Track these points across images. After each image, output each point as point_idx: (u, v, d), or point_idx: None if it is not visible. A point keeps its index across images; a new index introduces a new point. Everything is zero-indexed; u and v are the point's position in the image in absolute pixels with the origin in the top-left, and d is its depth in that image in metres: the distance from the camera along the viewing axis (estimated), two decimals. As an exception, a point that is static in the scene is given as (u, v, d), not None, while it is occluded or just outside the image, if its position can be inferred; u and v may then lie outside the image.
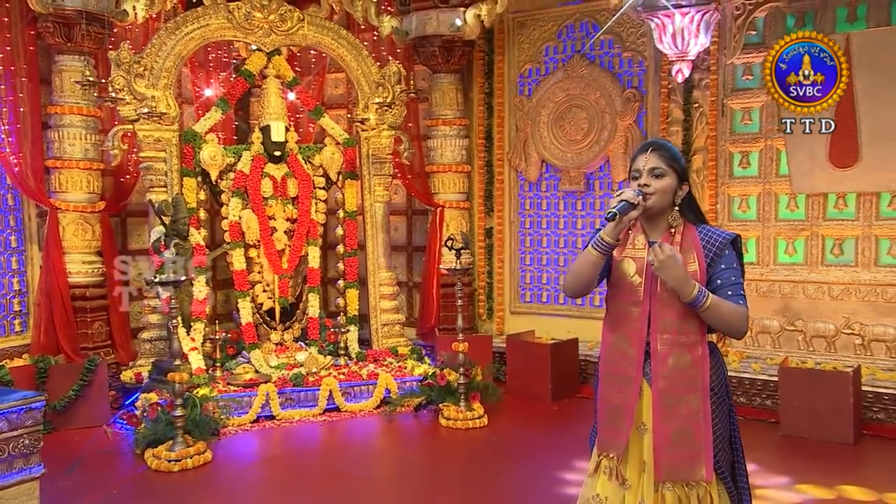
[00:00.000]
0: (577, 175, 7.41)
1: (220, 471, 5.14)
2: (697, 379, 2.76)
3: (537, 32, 7.57)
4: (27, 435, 3.64)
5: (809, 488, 4.57)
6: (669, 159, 2.75)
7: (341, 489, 5.00)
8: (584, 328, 7.44)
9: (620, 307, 2.84)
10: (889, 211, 6.49)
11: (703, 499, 2.73)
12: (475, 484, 5.13)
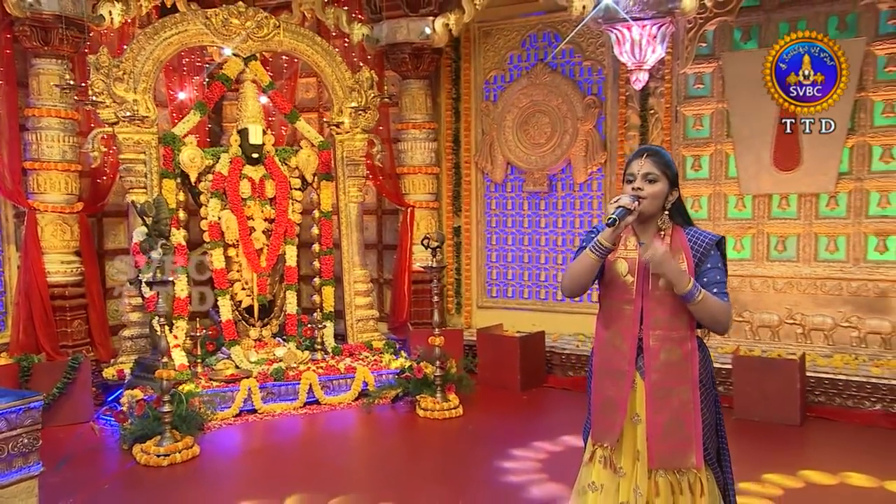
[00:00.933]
0: (541, 177, 7.48)
1: (208, 464, 5.12)
2: (687, 372, 2.80)
3: (502, 41, 7.61)
4: (26, 434, 3.55)
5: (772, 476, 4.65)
6: (663, 165, 2.79)
7: (326, 478, 5.00)
8: (547, 321, 7.60)
9: (614, 305, 2.88)
10: (827, 211, 6.70)
11: (694, 484, 2.77)
12: (454, 469, 5.18)
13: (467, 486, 4.83)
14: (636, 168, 2.78)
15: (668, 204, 2.80)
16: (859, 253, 6.64)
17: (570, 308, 7.53)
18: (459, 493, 4.75)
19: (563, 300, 7.63)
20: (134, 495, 4.60)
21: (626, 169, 2.88)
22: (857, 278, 6.60)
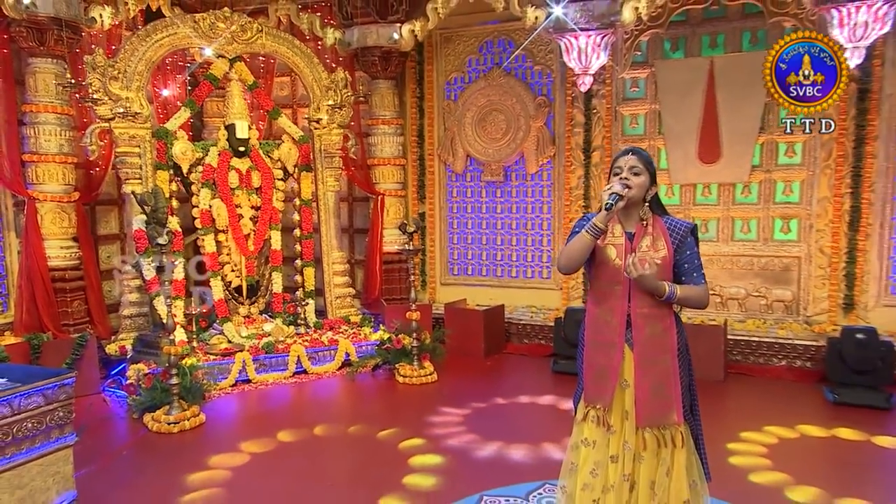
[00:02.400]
0: (497, 168, 7.63)
1: (213, 430, 5.13)
2: (668, 343, 2.93)
3: (462, 46, 7.70)
4: (61, 408, 3.61)
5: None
6: (645, 162, 2.91)
7: (321, 438, 5.06)
8: (503, 295, 7.79)
9: (604, 286, 2.97)
10: (741, 198, 7.02)
11: (675, 436, 2.88)
12: (435, 425, 5.21)
13: (442, 437, 4.92)
14: (623, 163, 2.89)
15: (648, 196, 2.90)
16: (767, 234, 6.99)
17: (523, 284, 7.82)
18: (437, 441, 4.87)
19: (517, 277, 7.86)
20: (150, 459, 4.60)
21: (612, 164, 2.98)
22: (765, 255, 6.96)
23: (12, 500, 3.39)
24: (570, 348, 6.33)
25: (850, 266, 6.62)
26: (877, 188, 6.55)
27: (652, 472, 2.86)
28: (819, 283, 6.77)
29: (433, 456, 4.55)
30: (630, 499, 2.87)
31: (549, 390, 6.12)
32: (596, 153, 7.25)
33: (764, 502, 4.04)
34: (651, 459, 2.87)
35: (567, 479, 3.07)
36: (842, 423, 5.19)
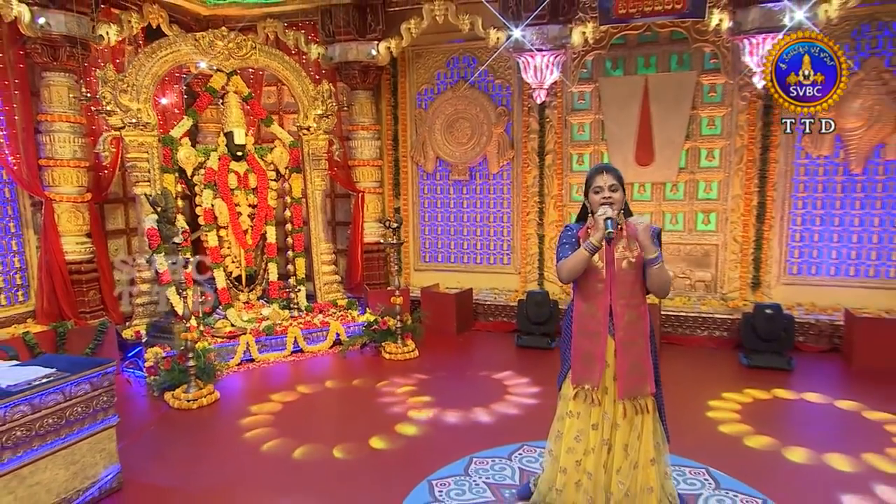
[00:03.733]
0: (463, 168, 7.71)
1: (228, 405, 5.13)
2: (642, 328, 3.04)
3: (431, 62, 7.70)
4: (105, 393, 3.68)
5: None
6: (619, 178, 2.98)
7: (321, 407, 5.17)
8: (469, 279, 7.88)
9: (590, 284, 3.05)
10: (671, 195, 7.15)
11: (646, 405, 3.03)
12: (421, 392, 5.31)
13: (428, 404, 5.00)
14: (601, 182, 2.95)
15: (623, 206, 2.99)
16: (692, 225, 7.14)
17: (486, 269, 7.92)
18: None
19: (481, 263, 7.95)
20: (177, 433, 4.60)
21: (589, 181, 3.01)
22: (689, 243, 7.13)
23: (67, 474, 3.48)
24: (532, 326, 6.58)
25: (757, 252, 6.86)
26: (778, 187, 6.77)
27: (626, 437, 2.99)
28: (732, 266, 6.96)
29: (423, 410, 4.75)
30: (607, 459, 3.01)
31: (516, 362, 6.17)
32: (549, 156, 7.36)
33: (713, 443, 4.23)
34: (626, 426, 2.99)
35: (554, 444, 3.21)
36: (754, 382, 5.47)
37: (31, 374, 3.45)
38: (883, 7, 6.11)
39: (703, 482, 3.68)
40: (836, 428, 4.66)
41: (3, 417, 3.14)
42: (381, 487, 3.72)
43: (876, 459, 3.99)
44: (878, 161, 6.45)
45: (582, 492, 3.03)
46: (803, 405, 5.00)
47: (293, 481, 3.86)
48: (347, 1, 6.96)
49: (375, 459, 4.14)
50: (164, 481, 3.85)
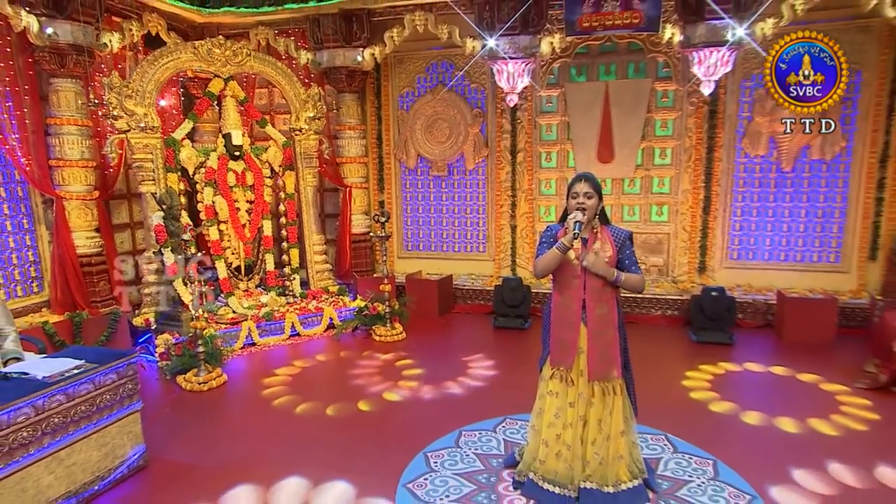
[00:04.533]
0: (442, 165, 7.74)
1: (235, 386, 5.19)
2: (612, 319, 3.16)
3: (412, 67, 7.67)
4: (130, 381, 3.75)
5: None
6: (595, 187, 3.08)
7: (320, 384, 5.25)
8: (448, 266, 7.93)
9: (565, 279, 3.16)
10: (629, 189, 7.27)
11: (616, 387, 3.16)
12: (404, 364, 5.49)
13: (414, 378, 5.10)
14: (579, 189, 3.06)
15: (598, 211, 3.11)
16: (647, 216, 7.27)
17: (463, 256, 7.97)
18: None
19: (459, 251, 7.98)
20: (191, 413, 4.63)
21: (570, 188, 3.13)
22: (645, 232, 7.25)
23: (100, 454, 3.57)
24: (508, 308, 6.71)
25: (703, 239, 7.05)
26: (721, 183, 6.94)
27: (599, 413, 3.15)
28: (682, 252, 7.13)
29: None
30: (583, 433, 3.17)
31: (494, 342, 6.27)
32: (520, 154, 7.43)
33: (669, 412, 4.36)
34: (599, 404, 3.15)
35: (536, 420, 3.36)
36: (703, 356, 5.70)
37: (63, 365, 3.50)
38: (809, 26, 6.17)
39: (662, 447, 3.89)
40: (774, 391, 4.95)
41: (43, 406, 3.21)
42: (381, 460, 3.81)
43: (818, 422, 4.26)
44: (804, 160, 6.70)
45: (562, 461, 3.20)
46: (745, 374, 5.27)
47: (302, 454, 3.93)
48: (334, 11, 6.89)
49: (377, 428, 4.24)
50: (184, 458, 3.91)
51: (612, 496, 3.14)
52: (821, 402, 4.67)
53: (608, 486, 3.17)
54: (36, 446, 3.17)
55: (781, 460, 3.74)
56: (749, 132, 6.79)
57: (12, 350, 3.82)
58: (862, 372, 5.07)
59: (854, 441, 4.03)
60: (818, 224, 6.77)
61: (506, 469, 3.63)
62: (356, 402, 4.77)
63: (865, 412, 4.48)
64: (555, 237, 3.15)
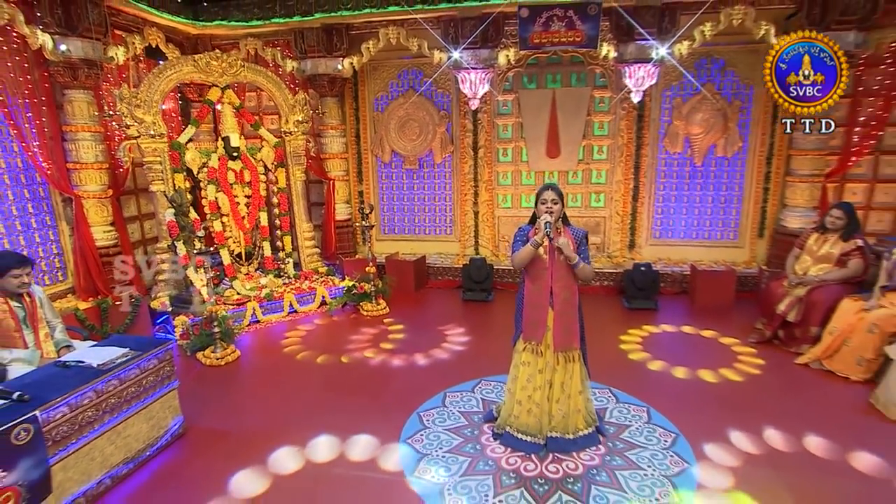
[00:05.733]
0: (413, 159, 7.82)
1: (248, 359, 5.26)
2: (573, 303, 3.38)
3: (385, 73, 7.68)
4: (167, 364, 3.84)
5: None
6: (559, 195, 3.25)
7: (317, 346, 5.41)
8: (421, 247, 8.02)
9: (536, 271, 3.33)
10: (572, 180, 7.49)
11: (575, 355, 3.41)
12: (392, 337, 5.61)
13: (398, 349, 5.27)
14: (547, 196, 3.22)
15: (561, 214, 3.30)
16: (587, 202, 7.52)
17: (433, 238, 8.08)
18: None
19: (429, 234, 8.08)
20: (215, 385, 4.70)
21: (538, 195, 3.27)
22: (585, 216, 7.53)
23: (148, 426, 3.73)
24: (474, 283, 6.94)
25: (632, 222, 7.40)
26: (647, 175, 7.27)
27: (562, 377, 3.43)
28: (616, 233, 7.46)
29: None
30: (549, 393, 3.45)
31: (463, 313, 6.42)
32: (481, 150, 7.59)
33: (611, 368, 4.65)
34: (561, 370, 3.42)
35: (511, 384, 3.61)
36: (633, 320, 6.02)
37: (112, 354, 3.62)
38: (714, 48, 6.70)
39: (607, 399, 4.20)
40: (685, 347, 5.32)
41: (102, 389, 3.37)
42: (383, 419, 3.99)
43: (705, 373, 4.69)
44: (711, 157, 7.14)
45: (532, 416, 3.49)
46: (663, 334, 5.64)
47: (320, 417, 4.06)
48: (317, 25, 6.87)
49: (377, 392, 4.39)
50: (216, 425, 4.04)
51: (572, 441, 3.49)
52: (720, 354, 5.10)
53: (569, 433, 3.49)
54: (98, 423, 3.33)
55: (697, 404, 4.14)
56: (669, 133, 7.15)
57: (63, 339, 3.92)
58: (753, 328, 5.53)
59: (749, 383, 4.50)
60: (721, 208, 7.27)
61: (485, 423, 3.87)
62: (355, 368, 4.92)
63: (753, 359, 4.96)
64: (526, 236, 3.36)
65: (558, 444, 3.49)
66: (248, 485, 3.37)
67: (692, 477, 3.29)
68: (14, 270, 3.60)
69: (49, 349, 3.78)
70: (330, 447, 3.72)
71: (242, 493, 3.30)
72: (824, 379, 4.61)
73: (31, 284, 3.76)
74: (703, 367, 4.82)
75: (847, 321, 4.65)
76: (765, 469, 3.40)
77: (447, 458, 3.52)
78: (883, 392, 4.12)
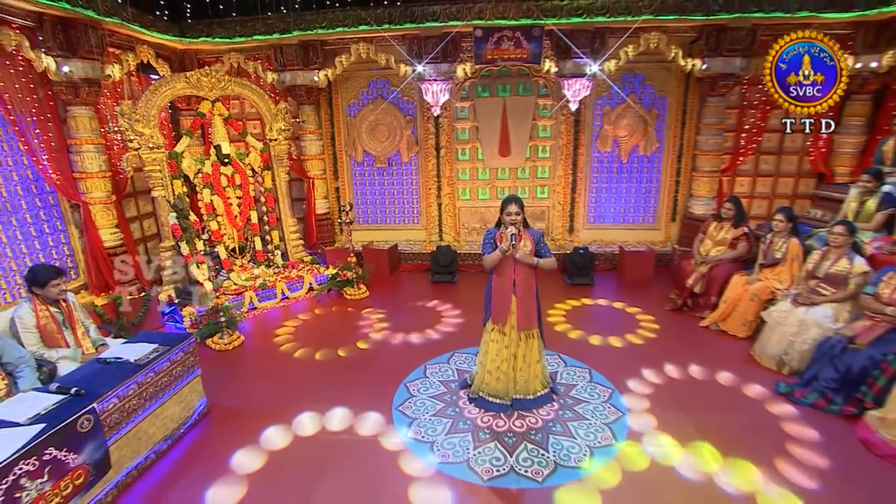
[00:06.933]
0: (383, 159, 7.89)
1: (251, 344, 5.31)
2: (533, 291, 3.61)
3: (356, 83, 7.69)
4: (191, 356, 3.99)
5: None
6: (521, 207, 3.43)
7: (312, 331, 5.49)
8: (393, 235, 8.11)
9: (502, 267, 3.54)
10: (521, 175, 7.74)
11: (534, 332, 3.64)
12: (375, 318, 5.76)
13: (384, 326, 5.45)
14: (511, 209, 3.40)
15: (522, 222, 3.49)
16: (534, 194, 7.78)
17: (402, 227, 8.20)
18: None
19: (399, 223, 8.17)
20: (226, 368, 4.76)
21: (503, 206, 3.44)
22: (532, 206, 7.76)
23: (179, 408, 3.89)
24: (441, 267, 7.12)
25: (571, 210, 7.74)
26: (583, 171, 7.62)
27: (524, 351, 3.70)
28: (558, 219, 7.78)
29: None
30: (513, 364, 3.73)
31: (433, 293, 6.58)
32: (443, 150, 7.72)
33: (562, 342, 4.97)
34: (523, 345, 3.68)
35: (482, 357, 3.84)
36: (573, 294, 6.34)
37: (145, 349, 3.78)
38: (636, 65, 7.10)
39: (557, 364, 4.54)
40: (605, 318, 5.65)
41: (142, 381, 3.56)
42: (376, 391, 4.19)
43: (632, 336, 5.20)
44: (635, 155, 7.61)
45: (500, 383, 3.79)
46: (598, 307, 6.00)
47: (319, 383, 4.31)
48: (295, 41, 6.87)
49: (367, 367, 4.59)
50: (233, 403, 4.17)
51: (532, 400, 3.84)
52: (628, 321, 5.50)
53: (530, 395, 3.83)
54: (141, 409, 3.54)
55: (623, 363, 4.58)
56: (600, 136, 7.53)
57: (98, 338, 4.07)
58: (668, 298, 6.08)
59: (652, 344, 4.99)
60: (642, 198, 7.79)
61: (461, 390, 4.14)
62: (343, 347, 5.07)
63: (652, 325, 5.44)
64: (493, 238, 3.59)
65: (521, 403, 3.83)
66: (275, 439, 3.71)
67: (625, 423, 3.79)
68: (53, 281, 3.73)
69: (88, 346, 3.93)
70: (342, 417, 3.94)
71: (271, 445, 3.65)
72: (719, 337, 5.25)
73: (67, 291, 3.88)
74: (613, 334, 5.19)
75: (736, 292, 5.34)
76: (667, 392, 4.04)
77: (433, 420, 3.80)
78: (759, 346, 4.83)
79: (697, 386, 4.31)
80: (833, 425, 3.72)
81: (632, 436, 3.66)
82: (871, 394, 3.69)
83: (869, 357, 3.75)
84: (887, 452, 3.33)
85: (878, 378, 3.67)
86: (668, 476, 3.29)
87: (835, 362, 3.92)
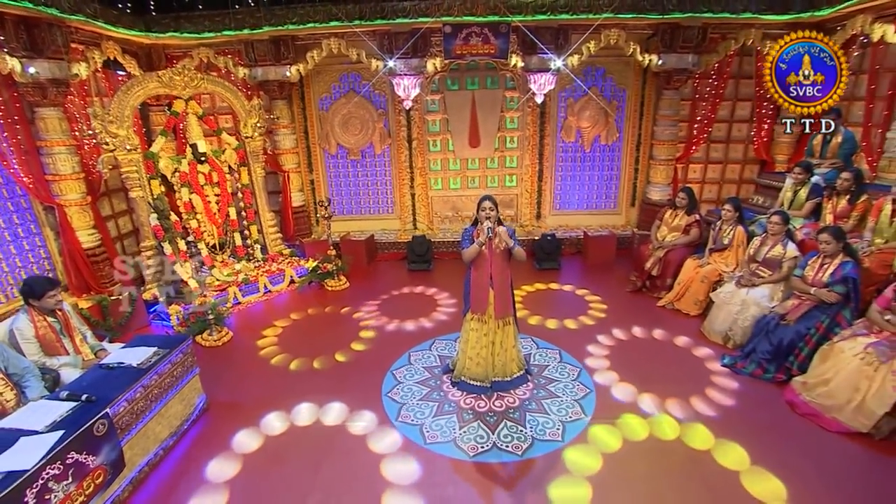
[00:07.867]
0: (357, 151, 7.95)
1: (239, 338, 5.40)
2: (508, 283, 3.78)
3: (328, 77, 7.67)
4: (189, 357, 4.11)
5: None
6: (495, 203, 3.58)
7: (296, 324, 5.60)
8: (368, 225, 8.20)
9: (479, 262, 3.68)
10: (490, 164, 7.94)
11: (510, 320, 3.82)
12: (360, 310, 5.91)
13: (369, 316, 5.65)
14: (486, 205, 3.55)
15: (496, 218, 3.63)
16: (502, 183, 8.00)
17: (377, 217, 8.32)
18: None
19: (373, 213, 8.28)
20: (218, 364, 4.83)
21: (479, 204, 3.59)
22: (501, 194, 7.98)
23: (182, 406, 4.06)
24: (417, 256, 7.32)
25: (538, 197, 7.98)
26: (549, 161, 7.85)
27: (501, 337, 3.91)
28: (526, 206, 8.01)
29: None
30: (492, 349, 3.93)
31: (411, 281, 6.74)
32: (414, 142, 7.82)
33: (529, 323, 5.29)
34: (500, 332, 3.88)
35: (463, 345, 4.06)
36: (542, 277, 6.64)
37: (145, 354, 3.89)
38: (597, 59, 7.37)
39: (530, 346, 4.83)
40: (562, 301, 5.93)
41: (147, 384, 3.71)
42: (365, 378, 4.39)
43: (585, 318, 5.53)
44: (597, 145, 7.94)
45: (480, 367, 4.03)
46: (561, 292, 6.25)
47: (313, 376, 4.47)
48: (266, 37, 6.82)
49: (354, 360, 4.74)
50: (229, 398, 4.29)
51: (509, 382, 4.11)
52: (579, 304, 5.88)
53: (507, 377, 4.09)
54: (148, 410, 3.70)
55: (587, 336, 5.01)
56: (565, 126, 7.82)
57: (96, 344, 4.17)
58: (628, 280, 6.51)
59: (602, 322, 5.40)
60: (604, 184, 8.18)
61: (444, 374, 4.38)
62: (334, 344, 5.15)
63: (602, 305, 5.83)
64: (471, 235, 3.77)
65: (500, 385, 4.10)
66: (276, 423, 3.97)
67: (592, 398, 4.20)
68: (50, 292, 3.82)
69: (87, 352, 4.04)
70: (339, 411, 4.11)
71: (272, 430, 3.91)
72: (674, 315, 5.74)
73: (62, 301, 3.98)
74: (573, 316, 5.53)
75: (689, 275, 5.86)
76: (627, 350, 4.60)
77: (420, 404, 4.05)
78: (708, 323, 5.37)
79: (653, 345, 4.86)
80: (766, 390, 4.27)
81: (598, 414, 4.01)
82: (797, 363, 4.27)
83: (796, 331, 4.31)
84: (806, 412, 3.91)
85: (802, 349, 4.24)
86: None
87: (769, 336, 4.47)
